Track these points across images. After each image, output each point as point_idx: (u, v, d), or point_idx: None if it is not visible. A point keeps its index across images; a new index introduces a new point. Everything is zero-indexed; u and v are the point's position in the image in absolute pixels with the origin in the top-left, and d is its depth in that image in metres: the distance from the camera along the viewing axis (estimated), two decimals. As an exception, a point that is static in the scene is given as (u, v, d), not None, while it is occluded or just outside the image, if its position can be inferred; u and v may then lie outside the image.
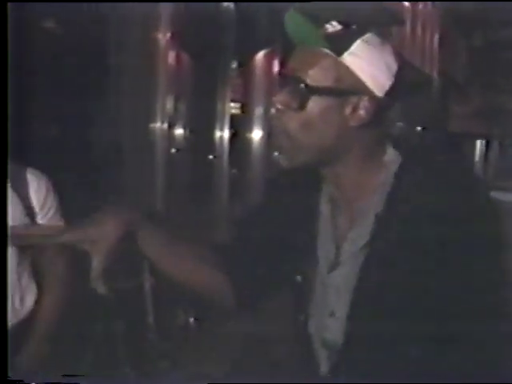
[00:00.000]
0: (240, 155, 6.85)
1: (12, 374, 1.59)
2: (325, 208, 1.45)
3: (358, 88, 1.30)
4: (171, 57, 4.88)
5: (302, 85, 1.29)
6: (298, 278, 1.48)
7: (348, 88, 1.30)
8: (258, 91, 6.70)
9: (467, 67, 13.28)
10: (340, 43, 1.30)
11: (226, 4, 5.78)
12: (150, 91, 4.81)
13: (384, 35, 1.34)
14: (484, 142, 15.68)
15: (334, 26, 1.30)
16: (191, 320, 4.95)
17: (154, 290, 4.37)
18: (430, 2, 10.23)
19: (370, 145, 1.37)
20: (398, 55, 1.36)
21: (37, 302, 2.21)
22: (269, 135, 6.92)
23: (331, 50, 1.31)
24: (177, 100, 5.03)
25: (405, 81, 1.34)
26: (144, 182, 4.85)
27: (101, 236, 1.37)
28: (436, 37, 11.76)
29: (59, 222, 2.22)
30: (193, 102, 5.46)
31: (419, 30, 10.79)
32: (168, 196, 5.19)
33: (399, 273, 1.32)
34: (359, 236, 1.38)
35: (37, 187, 2.18)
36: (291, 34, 1.35)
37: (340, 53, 1.31)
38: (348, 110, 1.31)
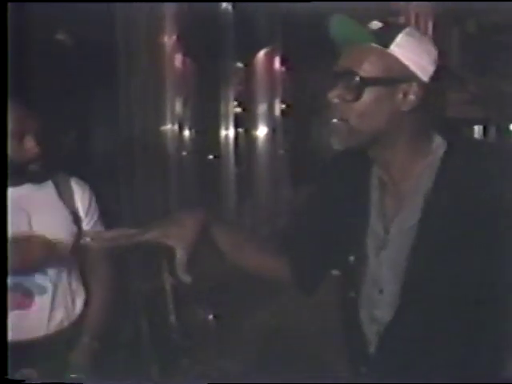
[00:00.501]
0: (246, 153, 6.94)
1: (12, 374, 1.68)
2: (374, 191, 1.55)
3: (406, 75, 1.40)
4: (178, 59, 4.97)
5: (357, 78, 1.40)
6: (351, 258, 1.57)
7: (397, 76, 1.40)
8: (261, 89, 6.80)
9: (461, 53, 13.35)
10: (385, 37, 1.41)
11: (224, 5, 5.87)
12: (160, 94, 4.89)
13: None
14: (481, 127, 15.74)
15: (376, 25, 1.43)
16: (210, 317, 5.03)
17: (175, 290, 4.45)
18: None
19: (419, 130, 1.47)
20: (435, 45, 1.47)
21: (85, 305, 2.31)
22: (273, 131, 7.02)
23: (378, 43, 1.41)
24: (185, 102, 5.11)
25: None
26: (157, 183, 4.93)
27: (183, 232, 1.49)
28: (430, 24, 11.84)
29: (101, 228, 2.32)
30: (199, 103, 5.54)
31: (413, 19, 10.88)
32: (179, 196, 5.27)
33: (446, 253, 1.41)
34: (406, 217, 1.47)
35: (82, 196, 2.27)
36: (338, 35, 1.45)
37: (387, 45, 1.40)
38: (399, 96, 1.41)
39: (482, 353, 1.49)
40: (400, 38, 1.41)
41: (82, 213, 2.26)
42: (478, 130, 15.48)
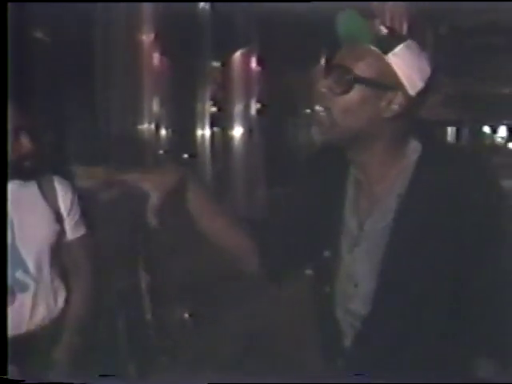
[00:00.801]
0: (222, 152, 6.97)
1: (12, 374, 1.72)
2: (350, 190, 1.61)
3: (395, 84, 1.46)
4: (155, 58, 4.98)
5: (350, 74, 1.46)
6: (326, 252, 1.63)
7: (387, 83, 1.46)
8: (237, 89, 6.83)
9: (436, 55, 13.51)
10: (386, 44, 1.47)
11: (202, 4, 5.89)
12: (137, 93, 4.90)
13: (421, 43, 1.52)
14: (455, 129, 15.90)
15: (381, 30, 1.49)
16: (186, 316, 5.05)
17: (150, 287, 4.47)
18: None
19: (397, 136, 1.53)
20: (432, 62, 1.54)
21: (66, 302, 2.34)
22: (250, 131, 7.06)
23: (379, 48, 1.47)
24: (162, 101, 5.12)
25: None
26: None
27: (161, 180, 1.56)
28: (404, 26, 11.96)
29: (82, 227, 2.37)
30: (175, 102, 5.56)
31: (387, 21, 10.98)
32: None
33: (418, 250, 1.48)
34: (380, 217, 1.54)
35: (64, 195, 2.31)
36: (345, 30, 1.50)
37: (386, 52, 1.46)
38: (384, 103, 1.47)
39: (455, 345, 1.54)
40: (399, 48, 1.46)
41: (64, 212, 2.29)
42: (451, 131, 15.69)
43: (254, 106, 7.00)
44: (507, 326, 1.50)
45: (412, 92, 1.47)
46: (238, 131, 7.06)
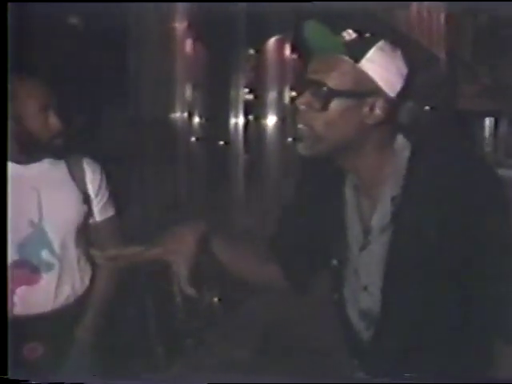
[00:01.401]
0: (255, 141, 7.00)
1: (12, 374, 1.72)
2: (350, 196, 1.61)
3: (373, 90, 1.44)
4: (188, 45, 5.01)
5: (324, 88, 1.43)
6: (334, 261, 1.65)
7: (365, 90, 1.44)
8: (271, 77, 6.84)
9: (474, 46, 13.35)
10: (357, 50, 1.44)
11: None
12: (170, 80, 4.94)
13: (395, 42, 1.49)
14: (493, 119, 15.72)
15: (350, 34, 1.44)
16: (215, 300, 5.11)
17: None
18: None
19: (384, 140, 1.52)
20: (408, 59, 1.51)
21: (91, 281, 2.39)
22: (282, 121, 7.06)
23: (349, 56, 1.44)
24: (195, 89, 5.16)
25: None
26: (166, 170, 4.99)
27: (183, 247, 1.54)
28: (442, 17, 11.84)
29: (111, 209, 2.41)
30: (209, 89, 5.59)
31: (425, 11, 10.88)
32: (189, 183, 5.34)
33: (420, 247, 1.49)
34: (381, 218, 1.54)
35: (93, 177, 2.34)
36: (311, 41, 1.48)
37: (357, 59, 1.43)
38: (365, 110, 1.45)
39: (469, 340, 1.57)
40: (371, 52, 1.44)
41: (92, 193, 2.33)
42: (489, 122, 15.51)
43: (288, 94, 6.99)
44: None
45: (392, 94, 1.45)
46: (271, 120, 7.08)
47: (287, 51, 6.83)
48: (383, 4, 6.98)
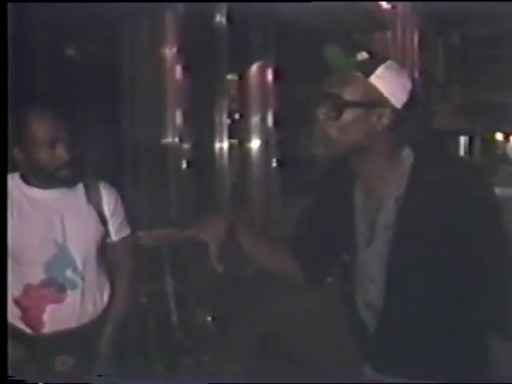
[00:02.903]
0: (240, 164, 7.16)
1: (12, 374, 1.80)
2: (358, 198, 1.83)
3: (382, 102, 1.67)
4: (178, 72, 5.17)
5: (340, 100, 1.67)
6: (345, 256, 1.86)
7: (374, 101, 1.67)
8: (255, 101, 7.03)
9: (447, 65, 13.64)
10: (368, 68, 1.68)
11: (218, 19, 6.08)
12: (161, 106, 5.09)
13: (400, 62, 1.73)
14: (467, 137, 15.96)
15: (362, 56, 1.70)
16: (209, 319, 5.22)
17: (176, 292, 4.65)
18: (408, 4, 10.59)
19: (391, 147, 1.74)
20: (413, 77, 1.77)
21: (111, 298, 2.52)
22: (266, 144, 7.24)
23: (362, 73, 1.68)
24: (185, 114, 5.31)
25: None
26: (158, 195, 5.12)
27: (215, 231, 1.81)
28: (416, 37, 12.11)
29: (126, 229, 2.55)
30: (195, 115, 5.74)
31: (399, 32, 11.13)
32: (179, 207, 5.47)
33: (421, 244, 1.68)
34: (385, 217, 1.75)
35: (109, 199, 2.49)
36: (331, 63, 1.72)
37: (368, 75, 1.67)
38: (374, 118, 1.68)
39: (469, 333, 1.74)
40: (380, 70, 1.67)
41: (108, 214, 2.48)
42: (463, 140, 15.80)
43: (271, 118, 7.17)
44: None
45: (398, 105, 1.67)
46: (255, 143, 7.24)
47: (269, 76, 7.02)
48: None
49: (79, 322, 2.40)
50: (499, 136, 16.90)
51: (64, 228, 2.34)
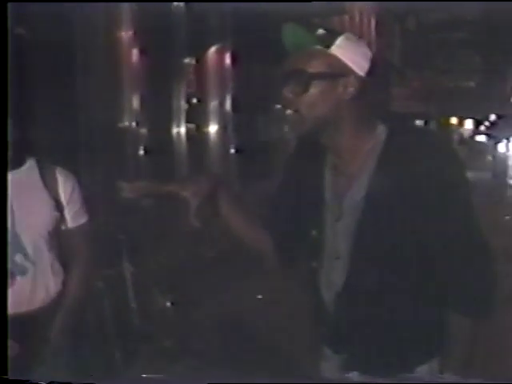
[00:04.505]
0: (198, 149, 7.11)
1: (12, 374, 1.83)
2: (328, 173, 1.83)
3: (345, 71, 1.68)
4: (134, 55, 5.11)
5: (305, 74, 1.68)
6: (314, 232, 1.85)
7: (338, 71, 1.68)
8: (212, 85, 6.98)
9: (403, 50, 13.77)
10: (327, 41, 1.71)
11: (175, 2, 6.02)
12: (117, 90, 5.02)
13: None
14: (423, 121, 16.18)
15: (320, 31, 1.73)
16: (168, 304, 5.19)
17: (134, 277, 4.61)
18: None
19: (361, 117, 1.74)
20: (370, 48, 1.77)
21: (64, 284, 2.47)
22: (224, 129, 7.22)
23: (322, 45, 1.70)
24: (142, 98, 5.26)
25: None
26: (115, 178, 5.05)
27: (197, 188, 1.78)
28: (373, 22, 12.20)
29: (84, 216, 2.50)
30: (152, 99, 5.67)
31: (357, 17, 11.20)
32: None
33: (391, 221, 1.69)
34: (355, 193, 1.75)
35: (65, 185, 2.43)
36: (290, 40, 1.73)
37: (328, 46, 1.71)
38: (340, 88, 1.68)
39: (433, 310, 1.75)
40: (339, 40, 1.70)
41: (64, 201, 2.42)
42: (419, 124, 15.98)
43: (229, 103, 7.14)
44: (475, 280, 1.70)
45: (361, 73, 1.69)
46: (213, 128, 7.21)
47: (227, 60, 6.99)
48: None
49: (28, 307, 2.35)
50: (454, 120, 17.16)
51: (13, 212, 2.29)
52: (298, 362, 2.05)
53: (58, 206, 2.40)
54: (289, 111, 1.73)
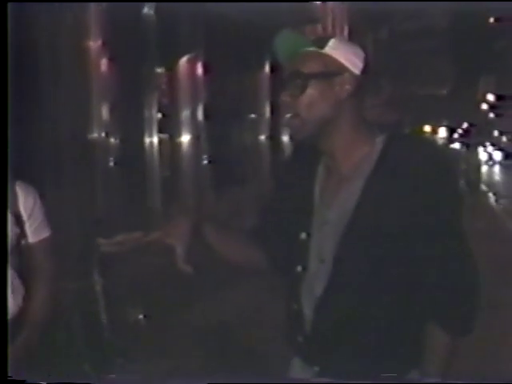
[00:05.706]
0: (170, 159, 7.05)
1: (12, 374, 1.77)
2: (320, 176, 1.81)
3: (341, 69, 1.69)
4: (103, 64, 5.05)
5: (302, 75, 1.68)
6: (303, 235, 1.81)
7: (334, 71, 1.69)
8: (185, 95, 6.94)
9: (375, 60, 13.85)
10: (320, 42, 1.72)
11: (146, 10, 5.96)
12: (86, 100, 4.95)
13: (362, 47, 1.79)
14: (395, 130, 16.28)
15: (313, 36, 1.81)
16: (140, 317, 5.13)
17: (105, 290, 4.54)
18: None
19: (358, 119, 1.74)
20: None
21: (24, 300, 2.39)
22: (197, 138, 7.17)
23: (316, 47, 1.72)
24: (112, 108, 5.19)
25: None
26: (85, 190, 4.99)
27: (179, 232, 1.74)
28: (345, 31, 12.26)
29: (46, 230, 2.42)
30: (123, 109, 5.62)
31: (330, 27, 11.24)
32: (109, 202, 5.35)
33: (378, 228, 1.65)
34: (346, 197, 1.72)
35: (25, 199, 2.35)
36: (285, 48, 1.75)
37: (322, 47, 1.71)
38: (337, 87, 1.69)
39: (413, 321, 1.70)
40: (332, 42, 1.71)
41: (25, 215, 2.35)
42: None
43: (201, 112, 7.10)
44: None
45: (357, 71, 1.69)
46: (185, 138, 7.16)
47: (199, 69, 6.95)
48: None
49: None
50: (427, 128, 17.30)
51: None
52: (272, 371, 2.00)
53: (19, 221, 2.33)
54: (288, 116, 1.73)
